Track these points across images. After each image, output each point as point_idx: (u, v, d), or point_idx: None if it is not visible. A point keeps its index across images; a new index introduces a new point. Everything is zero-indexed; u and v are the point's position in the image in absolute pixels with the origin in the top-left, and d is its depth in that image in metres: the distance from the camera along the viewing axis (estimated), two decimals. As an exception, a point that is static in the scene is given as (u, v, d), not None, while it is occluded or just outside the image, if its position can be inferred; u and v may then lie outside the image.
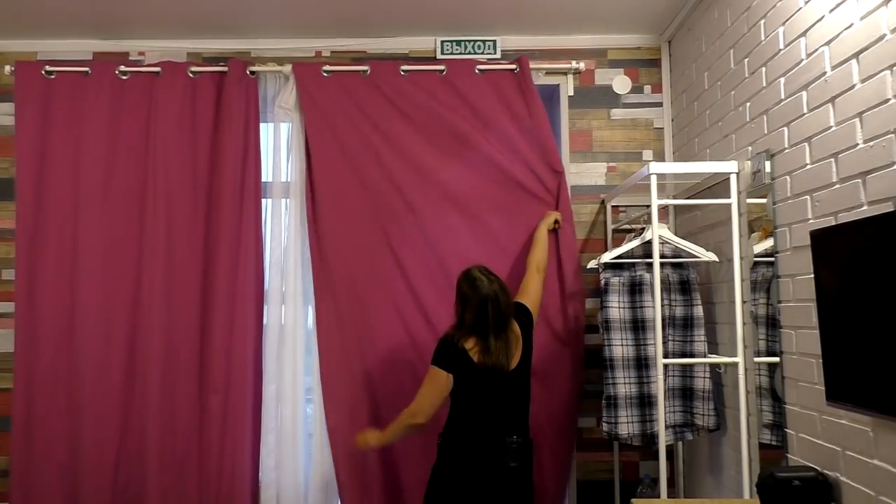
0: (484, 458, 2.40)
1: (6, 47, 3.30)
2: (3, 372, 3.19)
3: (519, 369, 2.46)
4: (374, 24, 3.18)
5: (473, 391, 2.44)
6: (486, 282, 2.43)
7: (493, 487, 2.38)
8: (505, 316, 2.43)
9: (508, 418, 2.45)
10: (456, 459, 2.43)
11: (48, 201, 3.09)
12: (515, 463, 2.41)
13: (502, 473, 2.39)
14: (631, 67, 3.31)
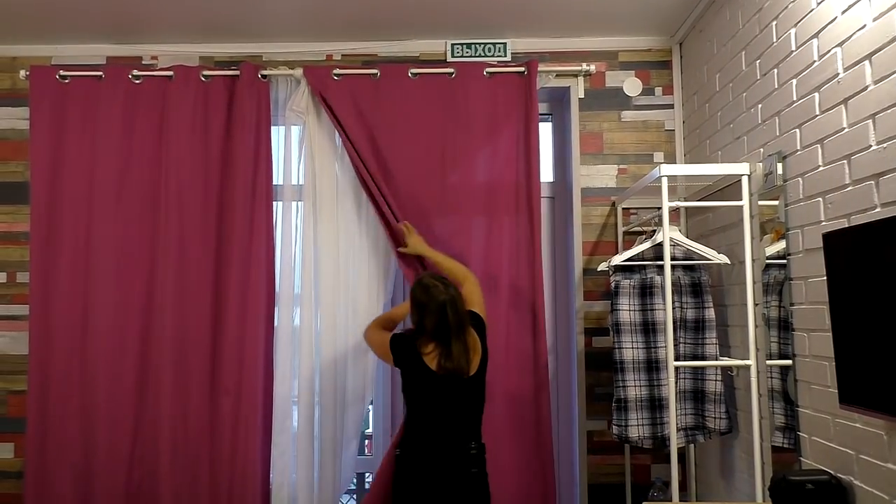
0: (446, 466, 2.42)
1: (21, 52, 3.34)
2: (18, 374, 3.22)
3: (477, 375, 2.48)
4: (384, 27, 3.19)
5: (433, 398, 2.45)
6: (441, 287, 2.45)
7: (456, 494, 2.40)
8: (463, 321, 2.45)
9: (467, 425, 2.47)
10: (418, 469, 2.44)
11: (62, 204, 3.12)
12: (476, 469, 2.44)
13: (464, 480, 2.42)
14: (642, 69, 3.31)
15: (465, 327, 2.46)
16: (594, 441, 3.17)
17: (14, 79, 3.33)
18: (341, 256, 3.13)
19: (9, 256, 3.28)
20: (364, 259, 3.15)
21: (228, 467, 2.98)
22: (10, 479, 3.18)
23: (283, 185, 3.18)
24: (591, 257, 3.24)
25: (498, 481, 2.96)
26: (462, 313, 2.45)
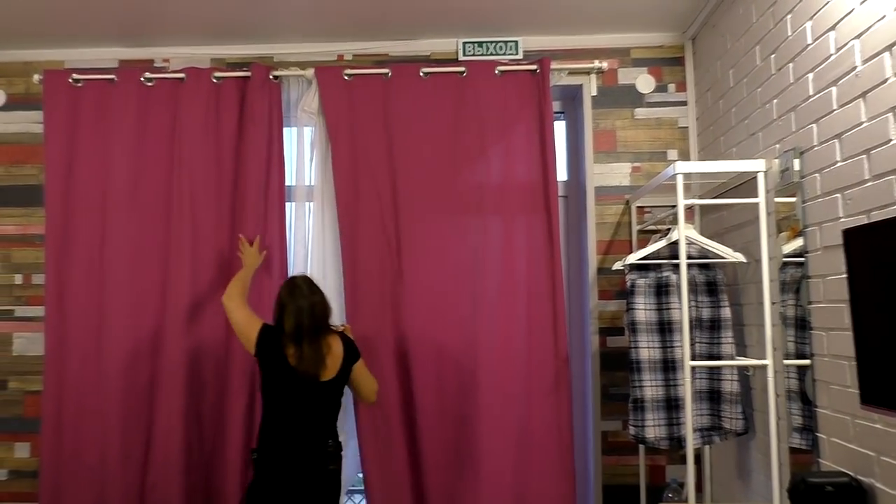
0: (304, 464, 2.49)
1: (34, 56, 3.36)
2: (34, 374, 3.24)
3: (333, 383, 2.56)
4: (395, 27, 3.18)
5: (291, 396, 2.52)
6: (305, 291, 2.53)
7: (315, 490, 2.50)
8: (319, 326, 2.53)
9: (323, 424, 2.55)
10: (278, 468, 2.49)
11: (76, 207, 3.14)
12: (334, 466, 2.54)
13: (322, 476, 2.52)
14: (654, 66, 3.27)
15: (319, 333, 2.53)
16: (609, 441, 3.14)
17: (28, 83, 3.36)
18: (353, 257, 3.12)
19: (24, 258, 3.30)
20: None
21: (241, 468, 2.98)
22: (26, 479, 3.20)
23: (295, 186, 3.17)
24: (605, 256, 3.21)
25: (519, 481, 2.96)
26: (319, 319, 2.53)
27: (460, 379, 3.02)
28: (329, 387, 2.56)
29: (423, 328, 3.03)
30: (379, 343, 3.03)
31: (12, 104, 3.36)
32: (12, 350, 3.26)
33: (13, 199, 3.33)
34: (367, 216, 3.10)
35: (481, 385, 2.99)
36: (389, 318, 3.05)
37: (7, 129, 3.35)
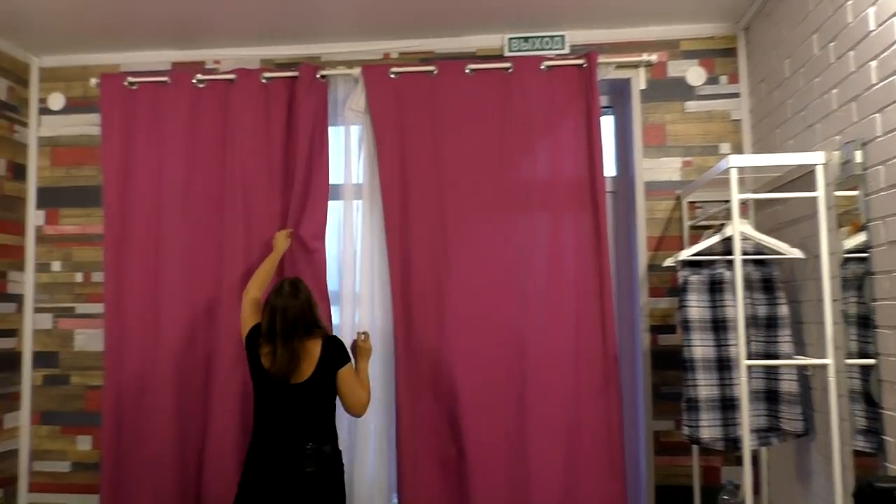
0: (282, 465, 2.48)
1: (92, 61, 3.46)
2: (95, 370, 3.34)
3: (309, 384, 2.52)
4: (441, 24, 3.17)
5: (266, 396, 2.55)
6: (287, 292, 2.54)
7: (290, 493, 2.46)
8: (293, 328, 2.51)
9: (305, 426, 2.51)
10: (257, 468, 2.51)
11: (132, 206, 3.22)
12: (311, 468, 2.47)
13: (298, 479, 2.46)
14: (705, 58, 3.20)
15: (293, 335, 2.51)
16: (661, 441, 3.09)
17: (85, 87, 3.46)
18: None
19: (84, 257, 3.41)
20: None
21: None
22: (88, 471, 3.31)
23: (343, 185, 3.20)
24: (655, 253, 3.15)
25: (569, 480, 2.93)
26: (293, 321, 2.50)
27: (507, 377, 3.01)
28: (302, 390, 2.52)
29: (470, 326, 3.02)
30: (425, 342, 3.04)
31: (71, 107, 3.47)
32: (74, 346, 3.37)
33: (73, 200, 3.44)
34: (414, 213, 3.10)
35: (528, 383, 2.98)
36: (435, 315, 3.05)
37: (66, 131, 3.46)
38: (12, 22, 3.09)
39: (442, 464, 3.00)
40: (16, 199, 3.37)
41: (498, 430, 2.99)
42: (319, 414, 2.55)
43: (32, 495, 3.33)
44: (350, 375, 2.60)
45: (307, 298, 2.59)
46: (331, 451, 2.54)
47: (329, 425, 2.58)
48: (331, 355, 2.57)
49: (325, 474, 2.51)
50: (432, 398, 3.02)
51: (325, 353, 2.56)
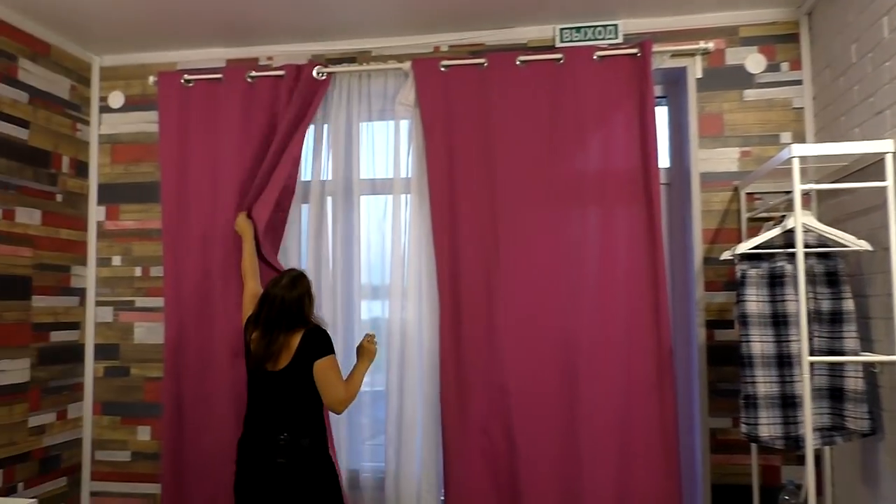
0: (256, 455, 2.51)
1: (150, 59, 3.54)
2: (154, 362, 3.43)
3: (285, 373, 2.51)
4: (491, 16, 3.14)
5: (251, 383, 2.61)
6: (283, 284, 2.55)
7: (263, 484, 2.48)
8: (278, 318, 2.52)
9: (278, 416, 2.51)
10: (240, 456, 2.57)
11: (189, 202, 3.29)
12: (283, 459, 2.46)
13: (271, 470, 2.47)
14: (766, 45, 3.09)
15: (278, 325, 2.52)
16: (717, 439, 3.01)
17: (144, 85, 3.54)
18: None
19: (144, 252, 3.50)
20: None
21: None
22: (148, 460, 3.40)
23: (392, 179, 3.20)
24: (711, 245, 3.07)
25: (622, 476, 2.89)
26: (280, 311, 2.52)
27: (559, 371, 2.97)
28: (279, 379, 2.52)
29: (520, 320, 3.00)
30: (474, 337, 3.03)
31: (130, 105, 3.56)
32: (133, 338, 3.47)
33: (132, 196, 3.53)
34: (463, 207, 3.08)
35: (580, 378, 2.94)
36: (485, 310, 3.03)
37: (125, 129, 3.56)
38: (75, 23, 3.18)
39: (491, 460, 2.99)
40: (78, 195, 3.48)
41: (549, 426, 2.95)
42: (297, 405, 2.53)
43: (95, 483, 3.44)
44: (327, 369, 2.52)
45: (301, 295, 2.56)
46: (308, 444, 2.50)
47: (309, 418, 2.54)
48: (309, 346, 2.53)
49: (298, 467, 2.48)
50: (482, 394, 3.00)
51: (303, 343, 2.53)
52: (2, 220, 2.99)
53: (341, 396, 2.53)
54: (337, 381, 2.54)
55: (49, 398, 3.24)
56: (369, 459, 3.22)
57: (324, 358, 2.53)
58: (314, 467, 2.52)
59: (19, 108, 3.10)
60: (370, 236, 3.26)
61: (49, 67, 3.29)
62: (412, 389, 3.08)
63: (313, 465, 2.51)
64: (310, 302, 2.61)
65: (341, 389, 2.53)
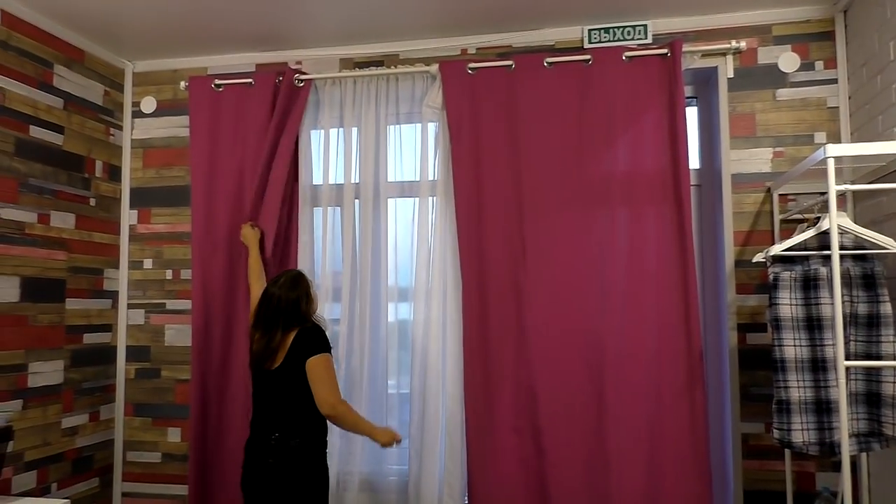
0: (252, 453, 2.56)
1: (181, 64, 3.59)
2: (183, 364, 3.47)
3: (278, 372, 2.53)
4: (519, 17, 3.13)
5: (253, 383, 2.65)
6: (281, 283, 2.59)
7: (256, 483, 2.51)
8: (276, 317, 2.55)
9: (272, 416, 2.54)
10: (244, 458, 2.62)
11: (218, 206, 3.32)
12: (272, 460, 2.48)
13: (262, 470, 2.50)
14: (799, 43, 3.04)
15: (275, 324, 2.55)
16: (749, 445, 2.96)
17: (175, 90, 3.59)
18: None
19: (174, 255, 3.54)
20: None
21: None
22: (177, 462, 3.44)
23: (419, 181, 3.20)
24: (743, 248, 3.02)
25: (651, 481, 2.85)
26: (276, 310, 2.55)
27: (587, 374, 2.95)
28: (273, 377, 2.54)
29: (547, 323, 2.98)
30: (500, 338, 3.01)
31: (162, 110, 3.61)
32: (164, 341, 3.51)
33: (164, 200, 3.58)
34: (489, 209, 3.07)
35: (608, 380, 2.91)
36: (512, 312, 3.02)
37: (157, 133, 3.61)
38: (109, 30, 3.24)
39: (519, 462, 2.96)
40: (111, 199, 3.54)
41: (577, 429, 2.93)
42: (289, 405, 2.52)
43: (127, 484, 3.49)
44: (317, 366, 2.51)
45: (298, 295, 2.58)
46: (297, 444, 2.50)
47: (302, 418, 2.53)
48: (302, 344, 2.53)
49: (286, 468, 2.48)
50: (509, 396, 2.99)
51: (296, 341, 2.54)
52: (37, 224, 3.05)
53: (328, 397, 2.49)
54: (325, 380, 2.51)
55: (82, 399, 3.30)
56: (395, 462, 3.22)
57: (316, 356, 2.52)
58: (300, 469, 2.50)
59: (54, 114, 3.17)
60: (398, 238, 3.26)
61: (83, 73, 3.35)
62: (436, 391, 3.07)
63: (299, 467, 2.50)
64: (308, 301, 2.61)
65: (327, 390, 2.50)
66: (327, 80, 3.32)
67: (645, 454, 2.88)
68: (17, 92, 2.96)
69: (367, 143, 3.27)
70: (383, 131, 3.28)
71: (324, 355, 2.53)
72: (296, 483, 2.49)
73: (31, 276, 3.01)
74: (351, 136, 3.30)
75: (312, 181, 3.35)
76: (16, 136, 2.95)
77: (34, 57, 3.06)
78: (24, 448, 2.96)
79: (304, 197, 3.30)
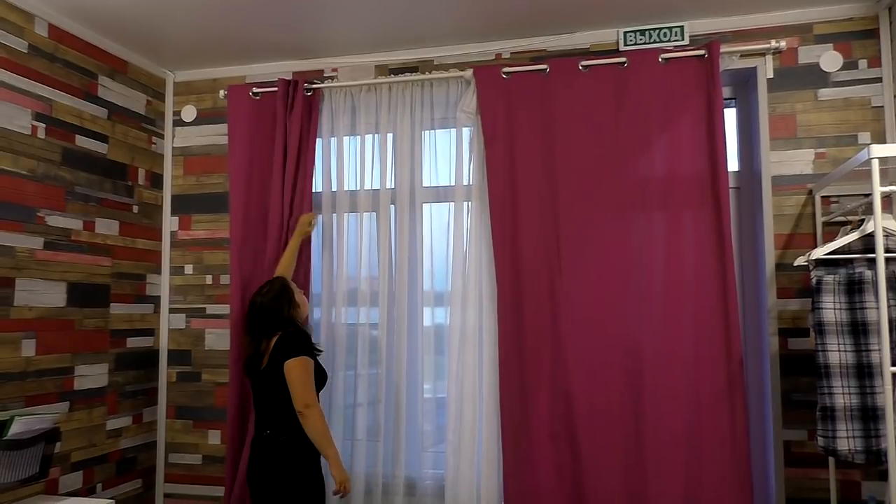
0: (252, 452, 2.70)
1: (220, 74, 3.66)
2: (223, 367, 3.53)
3: (264, 374, 2.67)
4: (553, 21, 3.12)
5: (251, 385, 2.79)
6: (262, 291, 2.76)
7: (254, 478, 2.65)
8: (260, 323, 2.72)
9: (264, 415, 2.69)
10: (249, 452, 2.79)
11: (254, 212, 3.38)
12: (265, 455, 2.62)
13: (257, 465, 2.64)
14: (842, 41, 2.98)
15: (259, 329, 2.72)
16: (792, 452, 2.89)
17: (215, 98, 3.66)
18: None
19: (213, 260, 3.61)
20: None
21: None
22: (217, 464, 3.49)
23: (454, 186, 3.21)
24: (784, 251, 2.96)
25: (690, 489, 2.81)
26: (261, 317, 2.71)
27: (624, 380, 2.92)
28: (261, 379, 2.69)
29: (584, 328, 2.96)
30: (537, 344, 3.00)
31: (202, 119, 3.69)
32: (204, 345, 3.58)
33: (204, 206, 3.65)
34: (524, 214, 3.07)
35: (646, 386, 2.88)
36: (548, 317, 3.00)
37: (198, 141, 3.68)
38: (151, 41, 3.32)
39: (555, 468, 2.94)
40: (153, 206, 3.62)
41: (614, 435, 2.90)
42: (276, 403, 2.65)
43: (169, 485, 3.56)
44: (292, 369, 2.61)
45: (281, 305, 2.72)
46: (286, 440, 2.62)
47: (287, 415, 2.63)
48: (281, 347, 2.66)
49: (276, 463, 2.61)
50: (545, 401, 2.97)
51: (276, 344, 2.67)
52: (83, 231, 3.14)
53: (300, 398, 2.59)
54: (298, 382, 2.61)
55: (125, 402, 3.37)
56: (432, 467, 3.23)
57: (293, 359, 2.62)
58: (289, 463, 2.61)
59: (99, 124, 3.25)
60: (433, 243, 3.28)
61: (126, 84, 3.44)
62: (472, 396, 3.07)
63: (288, 462, 2.61)
64: (290, 307, 2.75)
65: (300, 391, 2.60)
66: (362, 86, 3.35)
67: (684, 462, 2.84)
68: (63, 103, 3.05)
69: (403, 148, 3.30)
70: (418, 136, 3.30)
71: (300, 358, 2.64)
72: (286, 477, 2.61)
73: (77, 282, 3.09)
74: (386, 141, 3.33)
75: (346, 186, 3.38)
76: (62, 146, 3.04)
77: (80, 68, 3.15)
78: (70, 449, 3.04)
79: (340, 202, 3.34)
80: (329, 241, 3.34)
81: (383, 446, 3.19)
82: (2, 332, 2.73)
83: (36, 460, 2.74)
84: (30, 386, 2.84)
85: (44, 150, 2.94)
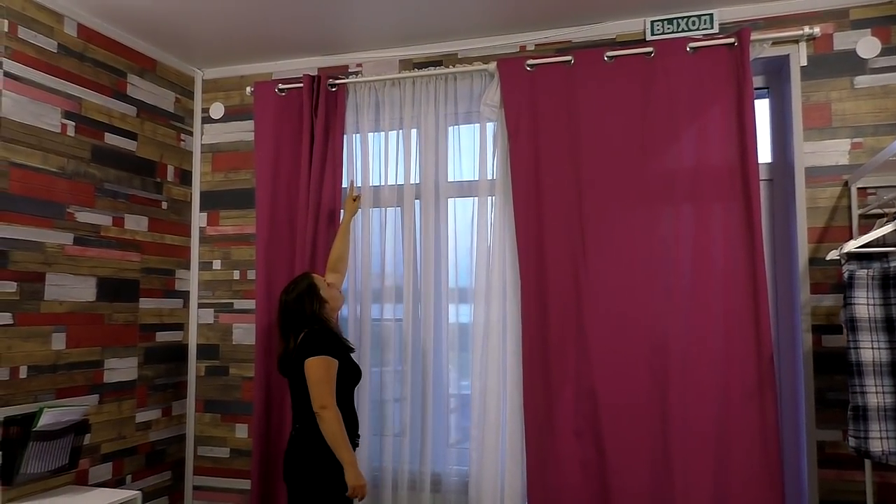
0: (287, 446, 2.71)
1: (247, 71, 3.69)
2: (249, 362, 3.56)
3: (292, 370, 2.67)
4: (578, 12, 3.07)
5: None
6: (288, 289, 2.77)
7: (285, 473, 2.68)
8: (286, 322, 2.73)
9: (295, 410, 2.70)
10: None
11: (280, 207, 3.40)
12: (293, 450, 2.65)
13: (287, 460, 2.67)
14: (880, 26, 2.86)
15: (287, 328, 2.72)
16: (826, 453, 2.80)
17: (242, 95, 3.70)
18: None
19: (241, 256, 3.64)
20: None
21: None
22: (245, 457, 3.53)
23: (478, 181, 3.18)
24: (818, 245, 2.86)
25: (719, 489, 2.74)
26: (286, 316, 2.72)
27: (650, 377, 2.86)
28: (290, 376, 2.70)
29: (609, 324, 2.90)
30: (561, 340, 2.96)
31: (229, 115, 3.72)
32: (232, 339, 3.62)
33: (231, 202, 3.68)
34: (548, 207, 3.02)
35: (673, 383, 2.82)
36: (573, 312, 2.95)
37: (225, 138, 3.72)
38: (179, 39, 3.36)
39: (579, 465, 2.90)
40: (182, 202, 3.67)
41: (640, 433, 2.85)
42: (303, 400, 2.63)
43: (197, 478, 3.61)
44: (311, 367, 2.58)
45: (303, 303, 2.70)
46: (312, 436, 2.60)
47: (303, 406, 2.64)
48: (303, 345, 2.65)
49: (303, 458, 2.62)
50: (570, 397, 2.93)
51: (300, 342, 2.67)
52: (112, 227, 3.19)
53: (316, 398, 2.55)
54: (316, 382, 2.57)
55: (155, 395, 3.43)
56: (455, 463, 3.21)
57: (313, 357, 2.59)
58: (314, 458, 2.59)
59: (128, 122, 3.31)
60: (457, 238, 3.25)
61: (155, 82, 3.49)
62: (496, 392, 3.05)
63: (314, 456, 2.59)
64: (311, 303, 2.72)
65: (317, 391, 2.56)
66: (386, 81, 3.34)
67: (712, 461, 2.77)
68: (93, 101, 3.11)
69: (427, 143, 3.28)
70: (443, 131, 3.28)
71: (319, 357, 2.59)
72: (311, 472, 2.61)
73: (107, 277, 3.15)
74: (410, 136, 3.32)
75: (371, 182, 3.37)
76: (92, 144, 3.10)
77: (109, 67, 3.20)
78: (100, 441, 3.10)
79: (364, 198, 3.34)
80: (354, 236, 3.34)
81: (409, 442, 3.18)
82: (33, 326, 2.79)
83: (66, 452, 2.81)
84: (60, 378, 2.90)
85: (73, 147, 3.00)
